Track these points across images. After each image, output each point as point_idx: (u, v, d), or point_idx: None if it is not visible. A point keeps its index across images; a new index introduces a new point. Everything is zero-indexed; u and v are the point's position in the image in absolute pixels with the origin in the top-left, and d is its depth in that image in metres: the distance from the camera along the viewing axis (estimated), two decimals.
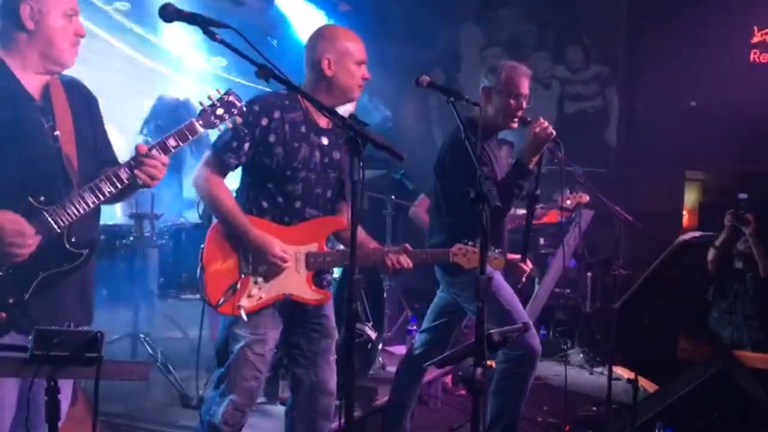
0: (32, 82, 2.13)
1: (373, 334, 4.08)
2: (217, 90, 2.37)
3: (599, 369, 5.60)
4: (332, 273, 2.88)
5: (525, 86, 3.35)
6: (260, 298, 2.59)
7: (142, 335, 3.72)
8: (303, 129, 2.65)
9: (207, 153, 2.64)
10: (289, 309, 2.70)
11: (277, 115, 2.60)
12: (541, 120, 3.20)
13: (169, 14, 2.16)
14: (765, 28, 6.49)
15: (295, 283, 2.63)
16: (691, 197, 7.89)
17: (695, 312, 5.83)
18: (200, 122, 2.27)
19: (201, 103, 2.33)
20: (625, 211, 5.75)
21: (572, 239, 5.78)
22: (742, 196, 5.41)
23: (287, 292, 2.62)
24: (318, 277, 2.70)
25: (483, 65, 7.49)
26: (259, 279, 2.60)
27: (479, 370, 2.25)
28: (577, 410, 4.47)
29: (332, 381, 2.75)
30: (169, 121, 2.27)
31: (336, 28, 2.84)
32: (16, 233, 1.97)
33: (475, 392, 2.28)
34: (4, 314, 1.96)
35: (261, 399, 3.55)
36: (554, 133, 3.20)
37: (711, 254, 5.54)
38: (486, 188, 2.28)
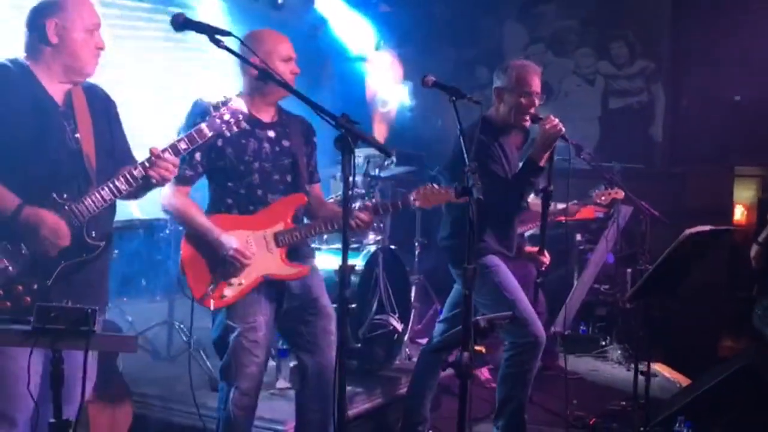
0: (56, 89, 2.37)
1: (398, 326, 4.22)
2: (224, 95, 2.56)
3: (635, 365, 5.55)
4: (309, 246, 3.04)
5: (536, 84, 3.42)
6: (240, 284, 2.75)
7: (177, 323, 3.97)
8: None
9: None
10: (278, 296, 2.85)
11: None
12: (551, 117, 3.29)
13: (179, 24, 2.37)
14: None
15: (270, 263, 2.78)
16: (748, 193, 7.69)
17: (739, 310, 5.72)
18: (208, 126, 2.47)
19: (208, 108, 2.53)
20: (672, 207, 5.67)
21: (611, 235, 5.76)
22: None
23: (265, 273, 2.77)
24: (293, 253, 2.85)
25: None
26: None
27: (466, 355, 2.38)
28: (606, 405, 4.49)
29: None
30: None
31: (259, 31, 2.96)
32: (53, 232, 2.20)
33: (461, 376, 2.40)
34: (29, 298, 2.20)
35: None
36: (563, 129, 3.28)
37: (754, 251, 5.40)
38: (471, 182, 2.39)
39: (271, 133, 2.89)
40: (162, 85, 4.90)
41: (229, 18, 5.42)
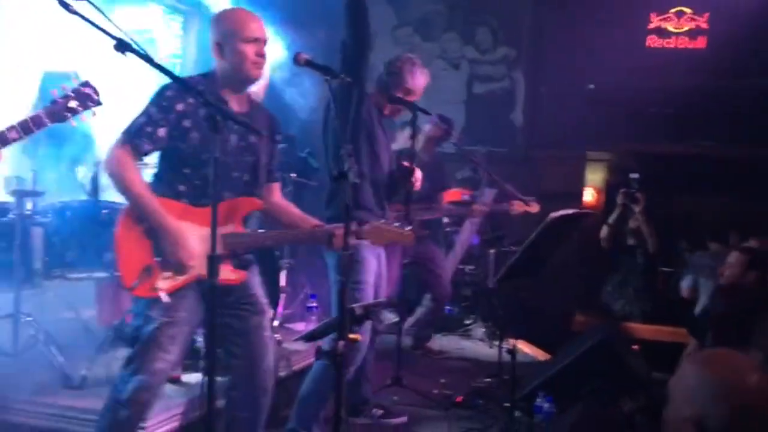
0: None
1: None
2: (74, 80, 2.33)
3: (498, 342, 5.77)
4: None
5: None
6: (176, 279, 2.56)
7: (23, 315, 3.62)
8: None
9: (119, 136, 2.59)
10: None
11: (191, 100, 2.58)
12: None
13: None
14: (661, 15, 6.75)
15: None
16: (597, 176, 8.19)
17: (588, 286, 6.09)
18: (48, 114, 2.23)
19: (53, 94, 2.28)
20: (530, 190, 5.89)
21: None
22: (633, 175, 5.67)
23: (202, 272, 2.54)
24: (235, 258, 2.68)
25: (395, 45, 7.57)
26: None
27: (341, 343, 2.32)
28: (472, 382, 4.61)
29: (268, 357, 2.76)
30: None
31: (224, 11, 2.79)
32: None
33: (337, 365, 2.34)
34: None
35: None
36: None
37: (604, 231, 5.81)
38: (347, 166, 2.33)
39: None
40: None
41: None
